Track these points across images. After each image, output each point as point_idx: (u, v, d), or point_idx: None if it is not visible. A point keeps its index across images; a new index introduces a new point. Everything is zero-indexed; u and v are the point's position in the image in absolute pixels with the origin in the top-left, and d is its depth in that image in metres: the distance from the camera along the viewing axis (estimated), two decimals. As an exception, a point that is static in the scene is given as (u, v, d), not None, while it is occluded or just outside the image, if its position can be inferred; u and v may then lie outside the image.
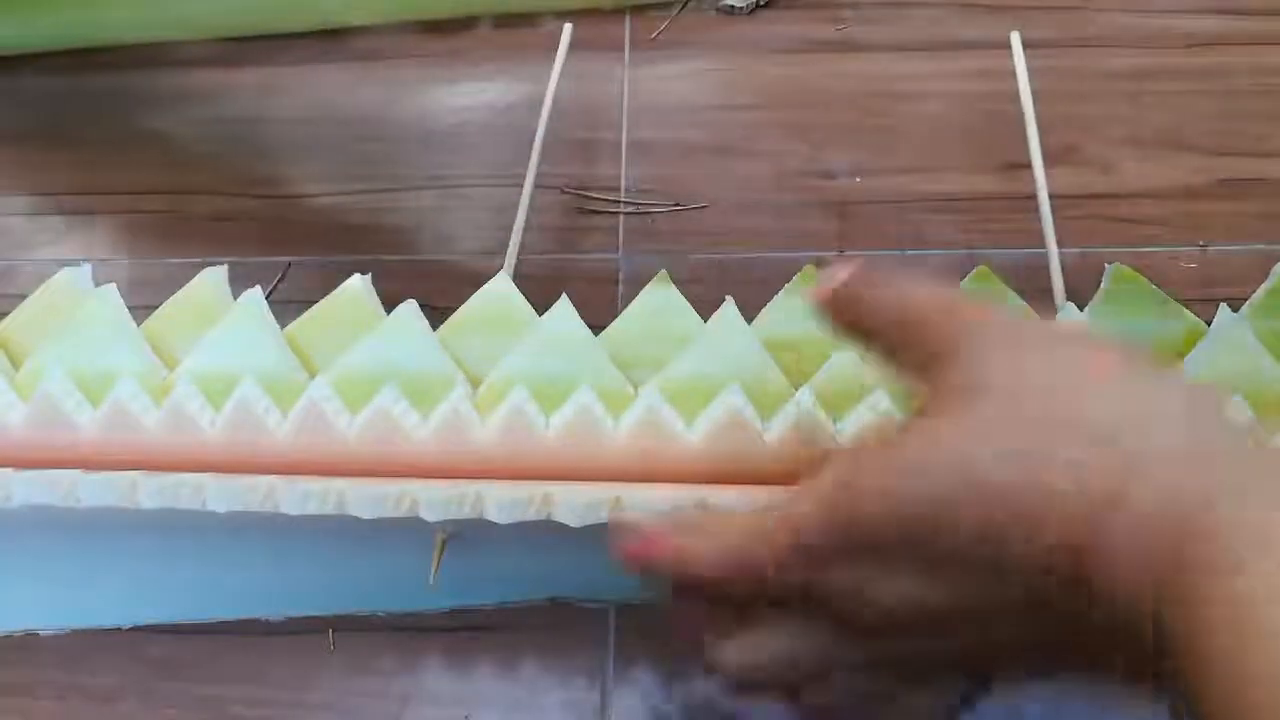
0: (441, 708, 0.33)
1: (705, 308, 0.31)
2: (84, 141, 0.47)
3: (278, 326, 0.32)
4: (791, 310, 0.31)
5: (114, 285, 0.33)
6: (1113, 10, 0.47)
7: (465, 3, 0.50)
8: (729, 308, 0.30)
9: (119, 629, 0.34)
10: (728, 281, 0.40)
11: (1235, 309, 0.29)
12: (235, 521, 0.29)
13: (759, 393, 0.29)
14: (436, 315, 0.39)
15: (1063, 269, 0.33)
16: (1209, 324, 0.29)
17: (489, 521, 0.28)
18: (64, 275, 0.35)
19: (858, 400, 0.28)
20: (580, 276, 0.41)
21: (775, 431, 0.28)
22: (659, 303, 0.32)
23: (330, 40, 0.50)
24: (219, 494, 0.29)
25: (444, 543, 0.30)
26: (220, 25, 0.50)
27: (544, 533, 0.28)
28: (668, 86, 0.47)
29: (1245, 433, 0.19)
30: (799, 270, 0.32)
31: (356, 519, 0.29)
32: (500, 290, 0.33)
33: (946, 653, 0.20)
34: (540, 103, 0.39)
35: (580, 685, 0.33)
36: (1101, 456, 0.17)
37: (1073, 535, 0.17)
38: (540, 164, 0.38)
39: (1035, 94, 0.37)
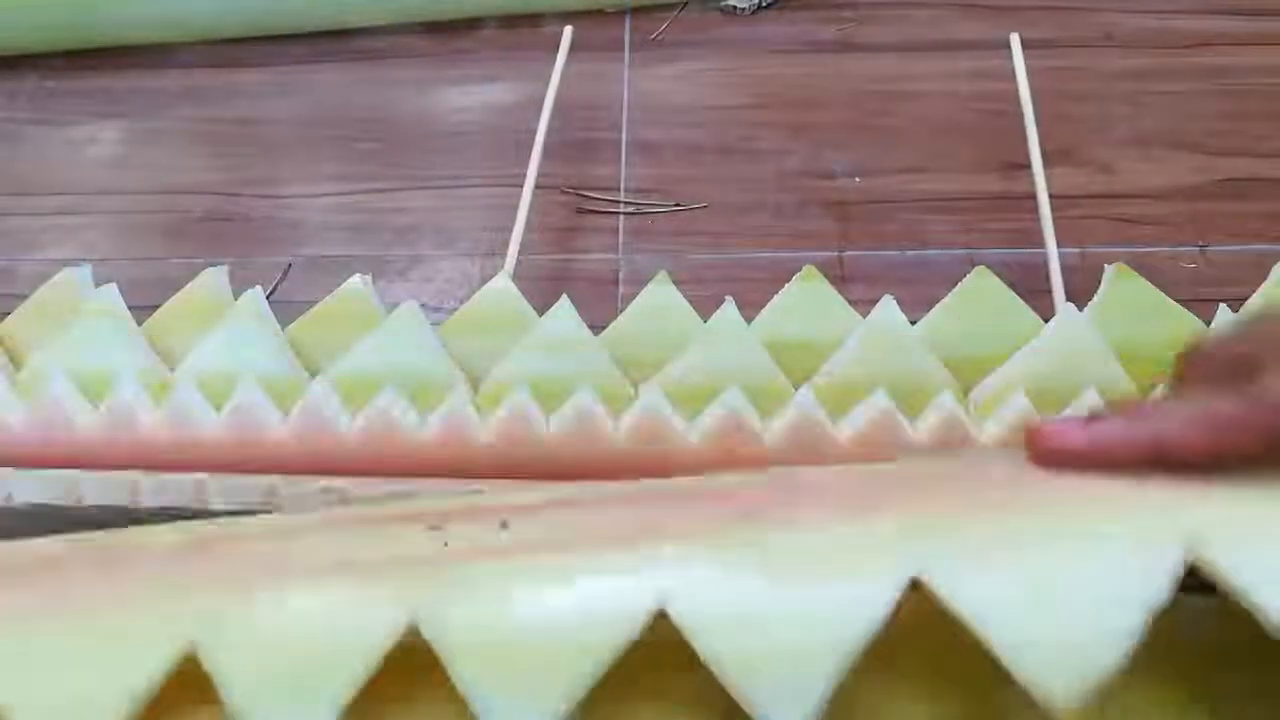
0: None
1: (705, 308, 0.31)
2: (84, 142, 0.47)
3: (278, 326, 0.32)
4: (791, 310, 0.31)
5: (114, 285, 0.33)
6: (1112, 10, 0.47)
7: (466, 4, 0.50)
8: (729, 308, 0.30)
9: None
10: (728, 281, 0.40)
11: (1235, 309, 0.29)
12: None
13: (759, 392, 0.29)
14: (437, 315, 0.39)
15: (1063, 269, 0.33)
16: (1209, 324, 0.29)
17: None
18: (64, 275, 0.35)
19: (858, 400, 0.28)
20: (580, 276, 0.41)
21: (775, 431, 0.28)
22: (659, 303, 0.32)
23: (330, 40, 0.50)
24: (219, 493, 0.29)
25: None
26: (220, 26, 0.50)
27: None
28: (668, 86, 0.47)
29: None
30: (799, 270, 0.32)
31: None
32: (500, 290, 0.33)
33: None
34: (541, 103, 0.39)
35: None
36: None
37: None
38: (540, 164, 0.38)
39: (1035, 94, 0.37)
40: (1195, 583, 0.18)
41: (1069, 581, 0.18)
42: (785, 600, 0.19)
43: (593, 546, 0.20)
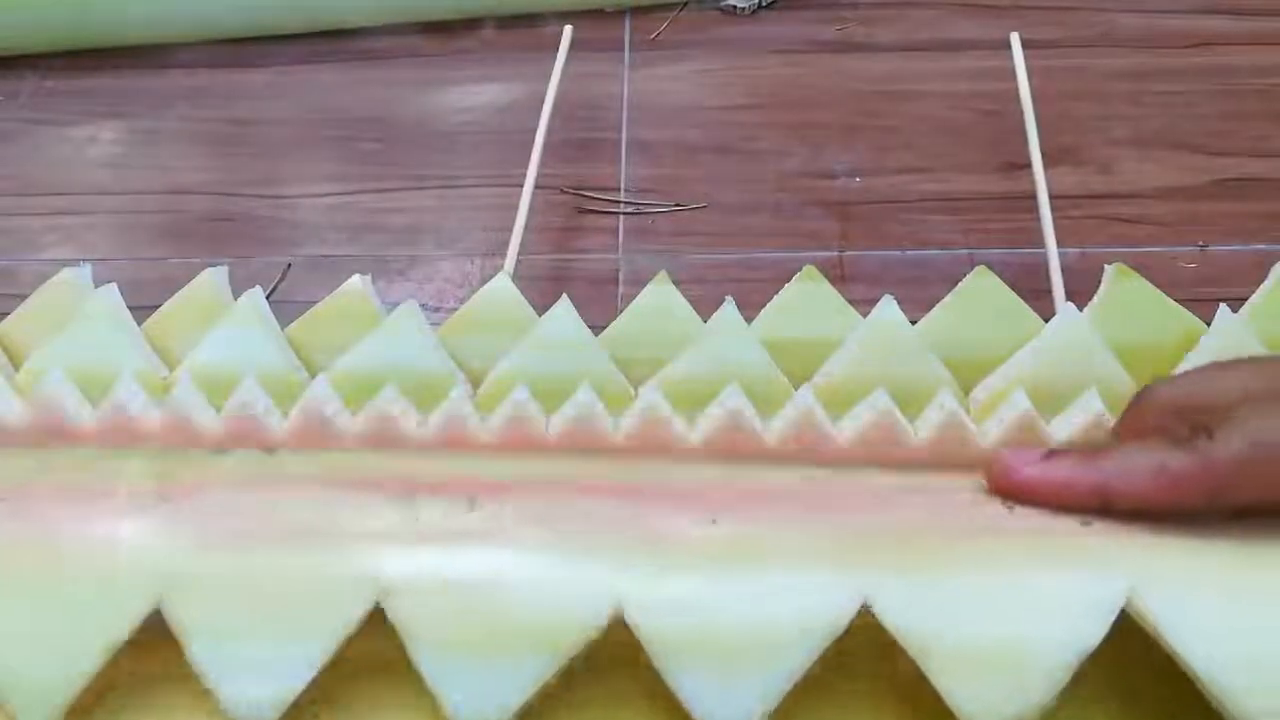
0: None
1: (705, 308, 0.31)
2: (85, 142, 0.47)
3: (278, 326, 0.32)
4: (791, 310, 0.31)
5: (114, 285, 0.33)
6: (1112, 10, 0.47)
7: (466, 4, 0.50)
8: (729, 308, 0.30)
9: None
10: (728, 281, 0.40)
11: (1235, 309, 0.29)
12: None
13: (759, 393, 0.29)
14: (437, 315, 0.39)
15: (1062, 269, 0.33)
16: (1209, 324, 0.29)
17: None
18: (64, 275, 0.35)
19: (858, 400, 0.28)
20: (580, 276, 0.41)
21: (775, 432, 0.28)
22: (659, 303, 0.32)
23: (330, 40, 0.50)
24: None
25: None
26: (221, 25, 0.50)
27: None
28: (668, 86, 0.47)
29: None
30: (799, 270, 0.32)
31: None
32: (500, 290, 0.33)
33: None
34: (540, 103, 0.39)
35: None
36: None
37: None
38: (540, 164, 0.38)
39: (1035, 94, 0.37)
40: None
41: (1007, 616, 0.19)
42: (734, 608, 0.19)
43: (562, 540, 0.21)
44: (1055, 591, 0.19)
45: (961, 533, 0.21)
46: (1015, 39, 0.39)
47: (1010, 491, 0.21)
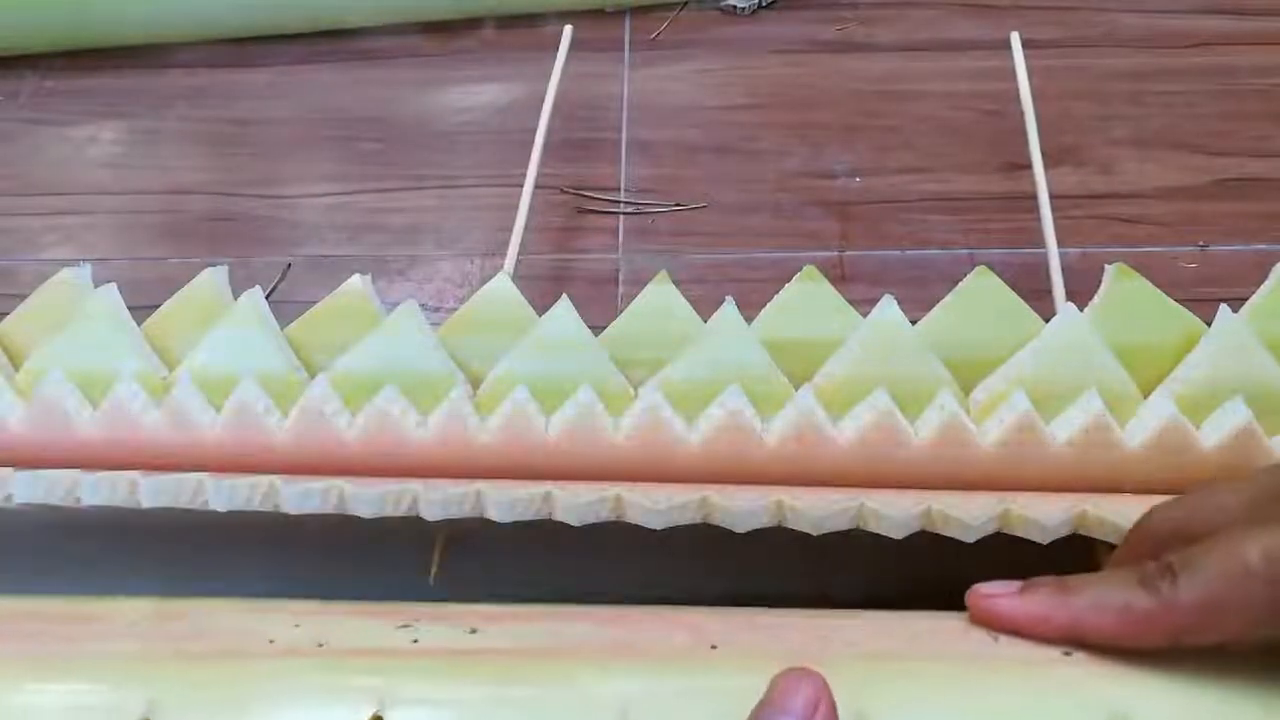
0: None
1: (705, 308, 0.31)
2: (85, 142, 0.47)
3: (278, 326, 0.32)
4: (791, 310, 0.31)
5: (114, 285, 0.33)
6: (1113, 10, 0.47)
7: (466, 4, 0.50)
8: (729, 308, 0.30)
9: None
10: (728, 281, 0.40)
11: (1235, 309, 0.29)
12: (232, 521, 0.29)
13: (759, 393, 0.29)
14: (436, 315, 0.39)
15: (1063, 269, 0.33)
16: (1209, 324, 0.29)
17: (490, 521, 0.28)
18: (64, 275, 0.35)
19: (858, 400, 0.28)
20: (580, 276, 0.41)
21: (775, 432, 0.28)
22: (659, 303, 0.32)
23: (330, 40, 0.50)
24: (219, 493, 0.29)
25: (444, 543, 0.30)
26: (221, 25, 0.50)
27: (545, 532, 0.28)
28: (668, 86, 0.47)
29: None
30: (799, 270, 0.32)
31: (356, 519, 0.29)
32: (500, 290, 0.33)
33: None
34: (540, 103, 0.39)
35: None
36: None
37: None
38: (540, 164, 0.38)
39: (1036, 94, 0.37)
40: None
41: None
42: None
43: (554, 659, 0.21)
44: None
45: (951, 659, 0.21)
46: (1016, 39, 0.39)
47: (989, 623, 0.22)
